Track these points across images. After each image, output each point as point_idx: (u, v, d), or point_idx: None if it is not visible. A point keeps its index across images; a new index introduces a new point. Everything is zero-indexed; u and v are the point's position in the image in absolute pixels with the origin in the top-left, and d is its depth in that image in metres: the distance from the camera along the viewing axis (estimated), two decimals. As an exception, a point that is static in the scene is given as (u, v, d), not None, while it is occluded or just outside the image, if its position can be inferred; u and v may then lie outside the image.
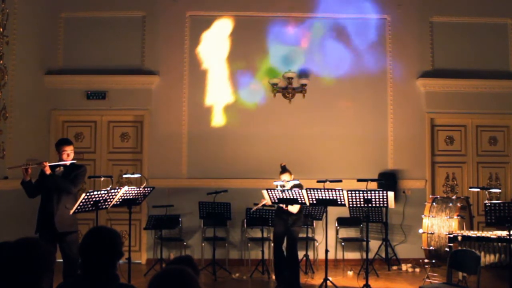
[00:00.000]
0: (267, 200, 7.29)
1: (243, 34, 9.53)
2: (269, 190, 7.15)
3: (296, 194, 6.97)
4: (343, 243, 9.15)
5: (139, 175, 8.00)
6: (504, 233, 6.82)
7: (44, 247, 2.39)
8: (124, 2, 9.59)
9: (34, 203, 6.25)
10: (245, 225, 9.12)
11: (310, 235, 9.03)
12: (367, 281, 6.88)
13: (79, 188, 6.26)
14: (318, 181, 7.24)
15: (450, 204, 8.09)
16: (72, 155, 6.18)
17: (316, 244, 9.10)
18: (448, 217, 7.97)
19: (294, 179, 7.46)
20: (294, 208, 7.28)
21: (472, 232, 7.41)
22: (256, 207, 7.72)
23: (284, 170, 7.51)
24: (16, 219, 7.52)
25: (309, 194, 6.85)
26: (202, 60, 9.52)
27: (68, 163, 6.13)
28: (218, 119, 9.45)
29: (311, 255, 8.91)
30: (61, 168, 6.12)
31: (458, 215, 7.92)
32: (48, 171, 5.98)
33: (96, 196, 5.91)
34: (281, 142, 9.31)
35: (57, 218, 5.97)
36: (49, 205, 5.99)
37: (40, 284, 2.28)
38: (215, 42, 9.55)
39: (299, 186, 7.30)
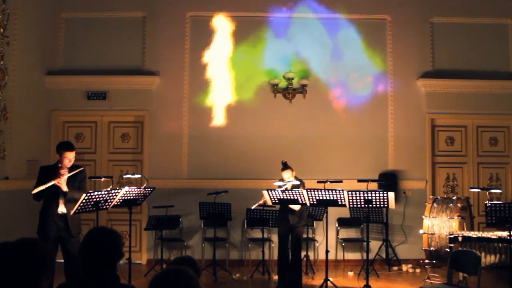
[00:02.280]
0: (267, 200, 7.28)
1: (243, 35, 9.53)
2: (269, 191, 7.15)
3: (296, 194, 6.97)
4: (343, 244, 9.15)
5: (139, 176, 7.99)
6: (504, 234, 6.81)
7: (44, 247, 2.39)
8: (124, 3, 9.59)
9: (34, 203, 6.25)
10: (245, 226, 9.12)
11: (310, 235, 9.03)
12: (367, 282, 6.89)
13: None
14: (318, 182, 7.24)
15: (451, 204, 8.09)
16: (73, 160, 6.19)
17: (317, 244, 9.10)
18: (448, 217, 7.97)
19: (296, 179, 7.44)
20: (295, 206, 7.28)
21: (472, 232, 7.41)
22: (256, 205, 7.70)
23: (285, 167, 7.44)
24: (16, 219, 7.53)
25: (310, 195, 6.84)
26: (203, 61, 9.52)
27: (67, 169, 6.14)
28: (218, 120, 9.45)
29: (311, 255, 8.91)
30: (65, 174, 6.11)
31: (458, 216, 7.91)
32: (65, 188, 6.00)
33: (97, 196, 5.93)
34: (281, 142, 9.31)
35: (71, 222, 6.02)
36: (57, 209, 6.03)
37: (40, 284, 2.28)
38: (215, 42, 9.54)
39: (299, 185, 7.29)
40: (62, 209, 6.05)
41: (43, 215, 6.07)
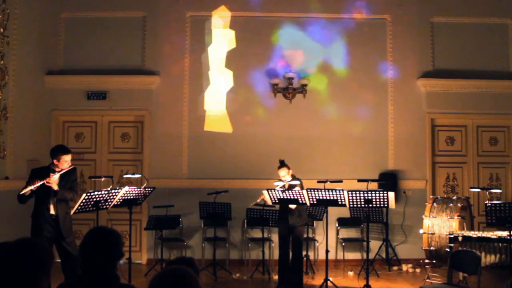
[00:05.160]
0: (267, 200, 7.28)
1: (243, 34, 9.52)
2: (269, 191, 7.15)
3: (296, 194, 6.97)
4: (343, 244, 9.14)
5: (139, 175, 7.99)
6: (504, 234, 6.82)
7: (43, 247, 2.39)
8: (124, 3, 9.58)
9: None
10: (245, 225, 9.12)
11: (310, 235, 9.03)
12: (367, 282, 6.89)
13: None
14: (318, 181, 7.24)
15: (451, 204, 8.09)
16: (69, 163, 6.19)
17: (317, 244, 9.09)
18: (448, 217, 7.97)
19: (295, 178, 7.43)
20: (292, 204, 7.28)
21: (472, 232, 7.41)
22: (254, 203, 7.69)
23: (282, 165, 7.44)
24: (16, 219, 7.52)
25: (310, 194, 6.84)
26: (203, 60, 9.51)
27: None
28: (218, 120, 9.44)
29: (311, 255, 8.90)
30: (55, 173, 6.10)
31: (458, 216, 7.91)
32: (56, 187, 6.01)
33: (97, 196, 5.94)
34: (281, 142, 9.30)
35: (62, 224, 6.04)
36: (48, 210, 6.04)
37: (39, 284, 2.28)
38: (215, 42, 9.54)
39: (296, 185, 7.27)
40: (53, 211, 6.06)
41: (36, 217, 6.08)
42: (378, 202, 6.76)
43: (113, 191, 6.14)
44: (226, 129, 9.42)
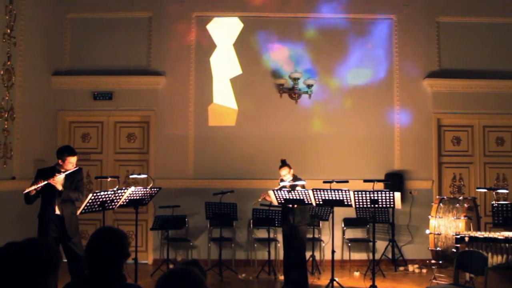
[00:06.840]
0: (272, 200, 7.27)
1: (249, 35, 9.53)
2: (275, 191, 7.14)
3: (302, 194, 6.96)
4: (349, 244, 9.13)
5: (145, 176, 8.01)
6: (511, 234, 6.78)
7: (50, 247, 2.40)
8: (130, 3, 9.60)
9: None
10: (251, 226, 9.12)
11: (316, 235, 9.02)
12: (373, 282, 6.87)
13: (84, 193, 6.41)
14: (324, 182, 7.23)
15: (457, 204, 8.06)
16: (75, 164, 6.22)
17: (323, 244, 9.09)
18: (455, 217, 7.94)
19: (297, 178, 7.42)
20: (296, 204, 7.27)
21: (479, 232, 7.37)
22: (256, 202, 7.69)
23: (283, 164, 7.45)
24: (23, 219, 7.55)
25: (316, 195, 6.84)
26: (208, 61, 9.53)
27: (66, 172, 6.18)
28: (224, 120, 9.45)
29: (317, 255, 8.90)
30: (61, 173, 6.14)
31: (465, 216, 7.88)
32: (60, 187, 6.03)
33: (103, 196, 5.96)
34: (287, 142, 9.30)
35: (68, 225, 6.07)
36: (53, 211, 6.07)
37: (47, 284, 2.28)
38: (221, 42, 9.55)
39: (297, 185, 7.26)
40: (58, 211, 6.09)
41: (42, 217, 6.12)
42: (384, 203, 6.75)
43: (119, 191, 6.16)
44: (232, 129, 9.41)
